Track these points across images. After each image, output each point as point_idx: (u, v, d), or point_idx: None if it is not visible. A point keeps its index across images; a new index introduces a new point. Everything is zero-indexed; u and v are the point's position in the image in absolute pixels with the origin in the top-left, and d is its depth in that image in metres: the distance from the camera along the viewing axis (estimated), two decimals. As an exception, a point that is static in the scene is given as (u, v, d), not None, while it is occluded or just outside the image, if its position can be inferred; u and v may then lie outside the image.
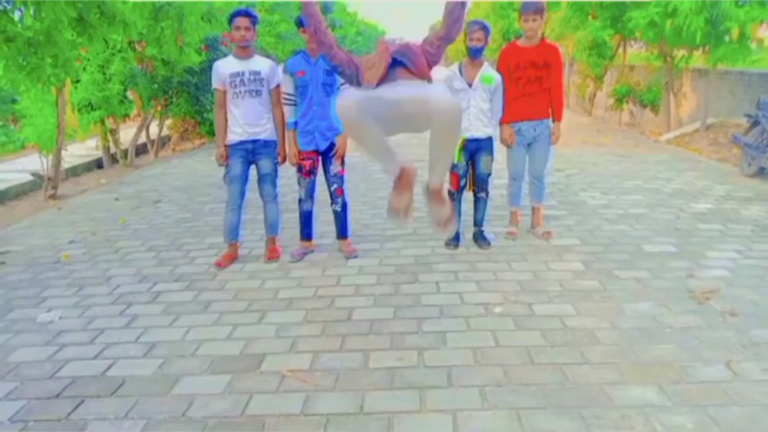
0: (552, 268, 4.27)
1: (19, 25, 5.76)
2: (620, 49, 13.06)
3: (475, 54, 4.40)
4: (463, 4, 2.92)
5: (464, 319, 3.49)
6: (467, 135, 4.46)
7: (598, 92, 14.26)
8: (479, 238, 4.78)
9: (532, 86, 4.64)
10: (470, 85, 4.46)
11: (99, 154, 9.92)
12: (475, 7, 34.43)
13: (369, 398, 2.73)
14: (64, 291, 4.17)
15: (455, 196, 4.68)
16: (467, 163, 4.62)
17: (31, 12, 5.77)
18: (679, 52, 10.14)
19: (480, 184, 4.72)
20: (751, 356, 2.99)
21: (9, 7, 5.66)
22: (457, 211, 4.68)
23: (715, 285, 3.86)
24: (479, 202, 4.77)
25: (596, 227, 5.16)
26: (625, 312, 3.53)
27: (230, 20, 4.18)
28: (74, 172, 9.14)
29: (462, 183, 4.65)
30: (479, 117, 4.49)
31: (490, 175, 4.71)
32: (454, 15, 2.91)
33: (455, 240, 4.75)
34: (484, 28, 4.37)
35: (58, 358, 3.22)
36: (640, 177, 7.06)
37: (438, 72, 3.34)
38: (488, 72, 4.50)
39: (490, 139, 4.59)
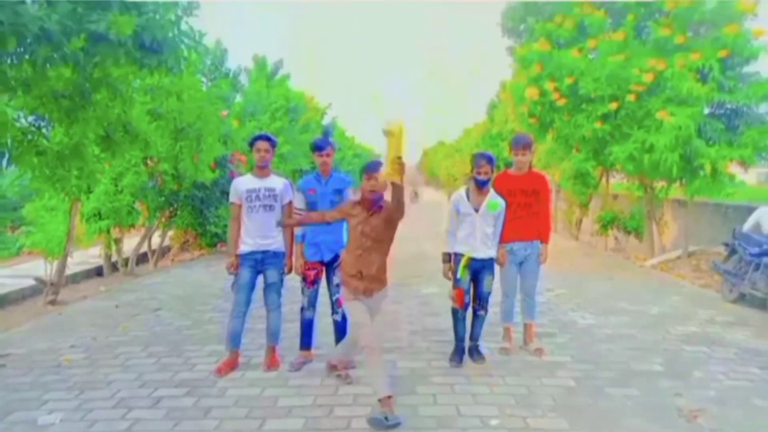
0: (545, 383, 4.39)
1: (46, 140, 6.25)
2: (603, 179, 13.88)
3: (482, 185, 4.68)
4: (399, 202, 3.81)
5: (461, 430, 3.57)
6: (473, 254, 4.69)
7: (584, 218, 14.90)
8: (474, 352, 4.92)
9: (522, 210, 5.03)
10: (476, 210, 4.71)
11: (99, 261, 10.14)
12: (465, 136, 36.58)
13: (370, 505, 2.77)
14: (65, 394, 4.23)
15: (459, 314, 4.82)
16: (470, 281, 4.79)
17: (61, 129, 6.27)
18: (659, 184, 10.84)
19: (481, 302, 4.89)
20: (739, 473, 3.09)
21: (44, 125, 6.19)
22: (462, 329, 4.87)
23: (703, 404, 3.99)
24: (478, 319, 4.92)
25: (586, 346, 5.33)
26: (618, 428, 3.64)
27: (252, 143, 4.65)
28: (74, 279, 9.29)
29: (466, 300, 4.78)
30: (483, 240, 4.72)
31: (490, 293, 4.89)
32: (397, 211, 3.86)
33: (458, 357, 4.84)
34: (490, 162, 4.62)
35: (59, 458, 3.25)
36: (626, 300, 7.32)
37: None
38: (494, 199, 4.74)
39: (491, 260, 4.82)
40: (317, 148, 4.67)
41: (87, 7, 4.58)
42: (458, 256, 4.75)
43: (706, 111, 9.22)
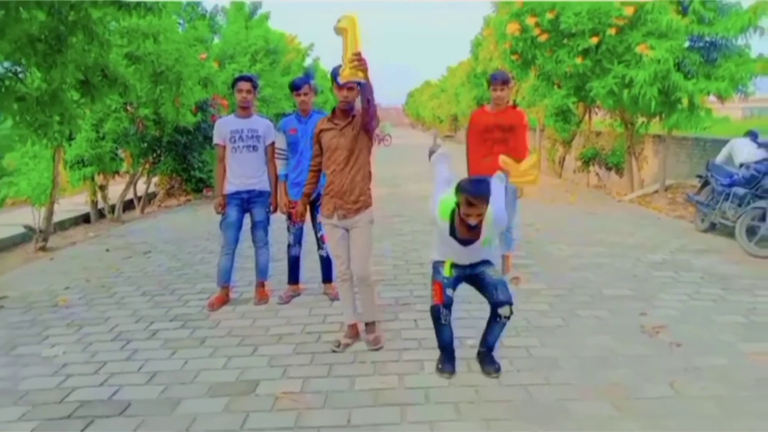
0: (520, 308, 4.61)
1: (24, 86, 6.19)
2: (586, 116, 13.99)
3: (471, 228, 3.37)
4: (369, 102, 3.56)
5: (440, 350, 3.83)
6: (458, 262, 3.57)
7: (567, 156, 15.10)
8: (486, 359, 3.58)
9: (499, 147, 5.15)
10: (464, 244, 3.45)
11: (86, 208, 10.22)
12: (450, 76, 36.15)
13: (355, 414, 3.04)
14: (65, 330, 4.43)
15: (442, 316, 3.46)
16: (459, 280, 3.60)
17: (39, 75, 6.21)
18: (639, 120, 10.98)
19: (498, 301, 3.40)
20: (692, 378, 3.39)
21: (20, 70, 6.12)
22: (447, 333, 3.57)
23: (665, 321, 4.29)
24: (497, 324, 3.50)
25: (561, 274, 5.60)
26: (585, 344, 3.92)
27: (233, 84, 4.69)
28: (62, 226, 9.38)
29: (448, 295, 3.47)
30: (471, 256, 3.56)
31: (506, 284, 3.53)
32: (367, 114, 3.64)
33: (449, 365, 3.55)
34: (486, 199, 3.23)
35: (65, 386, 3.47)
36: (603, 232, 7.60)
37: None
38: (490, 234, 3.47)
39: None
40: (295, 87, 4.73)
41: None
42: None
43: (686, 44, 9.26)
